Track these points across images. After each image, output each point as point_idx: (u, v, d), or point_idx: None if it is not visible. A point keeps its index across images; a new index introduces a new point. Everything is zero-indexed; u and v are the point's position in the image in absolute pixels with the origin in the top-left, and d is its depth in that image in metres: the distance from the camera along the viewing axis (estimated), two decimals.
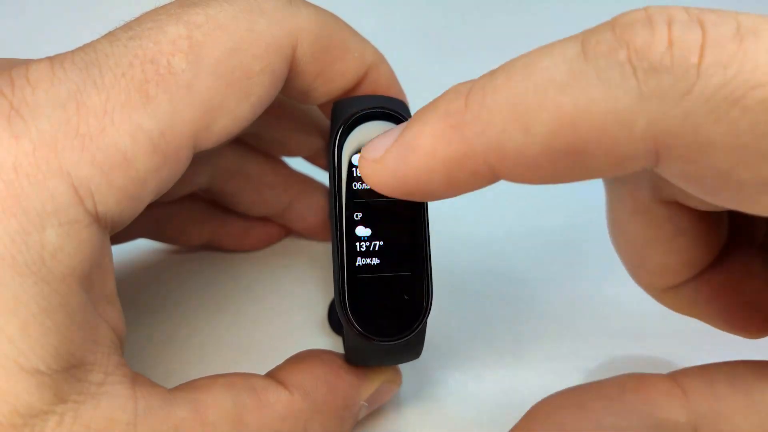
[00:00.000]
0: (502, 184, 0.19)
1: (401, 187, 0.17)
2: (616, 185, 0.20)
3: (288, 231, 0.31)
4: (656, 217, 0.20)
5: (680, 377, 0.18)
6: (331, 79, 0.23)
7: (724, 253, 0.21)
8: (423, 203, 0.21)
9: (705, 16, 0.15)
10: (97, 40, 0.19)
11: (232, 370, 0.21)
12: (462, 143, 0.16)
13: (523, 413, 0.25)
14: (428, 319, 0.21)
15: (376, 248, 0.21)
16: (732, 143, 0.14)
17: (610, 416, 0.17)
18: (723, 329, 0.22)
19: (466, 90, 0.16)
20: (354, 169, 0.21)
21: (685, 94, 0.14)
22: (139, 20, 0.19)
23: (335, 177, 0.21)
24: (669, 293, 0.22)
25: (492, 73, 0.16)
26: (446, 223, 0.30)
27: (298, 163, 0.30)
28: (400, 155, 0.17)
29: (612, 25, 0.15)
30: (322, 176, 0.30)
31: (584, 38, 0.15)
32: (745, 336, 0.21)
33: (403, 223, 0.21)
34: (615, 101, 0.14)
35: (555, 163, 0.15)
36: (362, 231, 0.21)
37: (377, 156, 0.18)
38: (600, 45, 0.15)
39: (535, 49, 0.16)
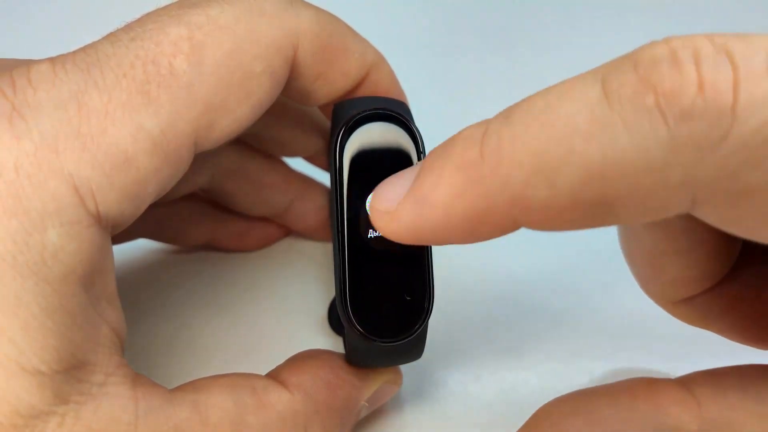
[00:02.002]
0: None
1: (417, 238, 0.17)
2: None
3: (288, 231, 0.31)
4: (674, 229, 0.19)
5: (691, 384, 0.17)
6: (332, 80, 0.23)
7: (739, 264, 0.20)
8: None
9: (732, 46, 0.13)
10: (99, 41, 0.19)
11: (232, 370, 0.21)
12: (482, 198, 0.15)
13: (523, 414, 0.25)
14: (429, 319, 0.21)
15: (377, 249, 0.21)
16: None
17: (619, 424, 0.17)
18: (737, 341, 0.21)
19: (479, 136, 0.16)
20: (355, 172, 0.21)
21: (721, 140, 0.13)
22: (140, 21, 0.19)
23: (336, 178, 0.21)
24: (681, 306, 0.21)
25: (507, 117, 0.15)
26: None
27: (298, 163, 0.30)
28: (415, 210, 0.16)
29: (634, 63, 0.14)
30: (322, 176, 0.30)
31: (605, 78, 0.14)
32: (759, 348, 0.21)
33: None
34: (646, 152, 0.13)
35: (583, 214, 0.15)
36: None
37: (389, 207, 0.17)
38: (624, 88, 0.14)
39: (551, 89, 0.15)
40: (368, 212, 0.19)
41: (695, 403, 0.17)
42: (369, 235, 0.21)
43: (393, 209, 0.17)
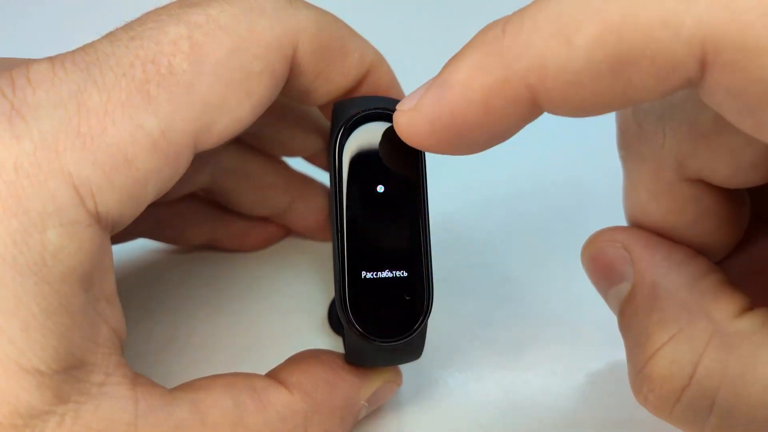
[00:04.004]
0: (503, 182, 0.19)
1: (438, 131, 0.17)
2: (637, 164, 0.20)
3: (288, 231, 0.31)
4: (679, 197, 0.19)
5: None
6: (332, 80, 0.23)
7: (745, 240, 0.21)
8: (423, 199, 0.21)
9: None
10: (98, 41, 0.19)
11: (232, 370, 0.21)
12: (500, 68, 0.16)
13: (523, 414, 0.25)
14: (429, 319, 0.21)
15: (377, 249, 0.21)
16: None
17: None
18: None
19: (504, 19, 0.16)
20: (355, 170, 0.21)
21: None
22: (140, 20, 0.19)
23: (336, 178, 0.21)
24: None
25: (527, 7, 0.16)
26: (447, 223, 0.30)
27: (298, 163, 0.30)
28: (436, 95, 0.17)
29: None
30: (322, 176, 0.30)
31: None
32: None
33: (403, 223, 0.21)
34: (661, 3, 0.14)
35: (599, 80, 0.15)
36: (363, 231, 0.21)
37: (412, 104, 0.17)
38: None
39: None
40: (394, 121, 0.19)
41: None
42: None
43: (415, 104, 0.17)
